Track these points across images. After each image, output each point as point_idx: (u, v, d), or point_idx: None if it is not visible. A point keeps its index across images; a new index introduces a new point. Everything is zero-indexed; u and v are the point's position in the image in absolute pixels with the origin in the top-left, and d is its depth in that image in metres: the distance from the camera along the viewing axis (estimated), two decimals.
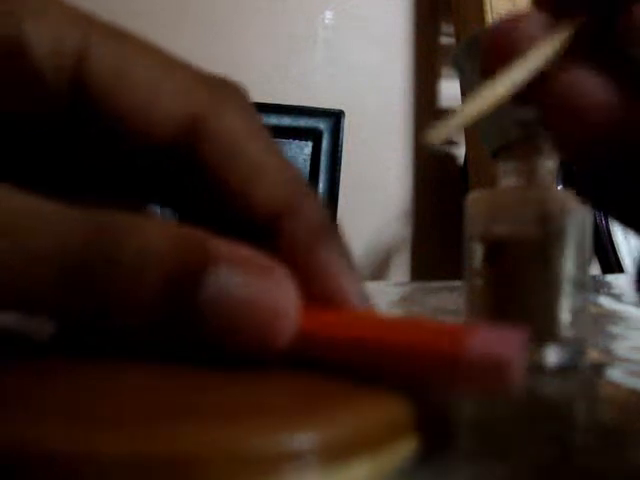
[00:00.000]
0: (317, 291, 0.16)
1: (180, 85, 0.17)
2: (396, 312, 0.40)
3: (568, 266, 0.24)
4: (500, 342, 0.13)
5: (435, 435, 0.15)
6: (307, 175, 1.01)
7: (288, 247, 0.16)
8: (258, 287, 0.14)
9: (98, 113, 0.16)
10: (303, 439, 0.12)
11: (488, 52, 0.17)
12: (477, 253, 0.25)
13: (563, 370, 0.24)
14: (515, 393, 0.13)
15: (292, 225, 0.16)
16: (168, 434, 0.11)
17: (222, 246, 0.14)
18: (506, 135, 0.26)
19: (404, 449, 0.13)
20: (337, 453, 0.12)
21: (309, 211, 0.17)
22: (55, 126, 0.17)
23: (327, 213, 0.17)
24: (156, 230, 0.14)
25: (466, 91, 0.29)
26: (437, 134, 0.12)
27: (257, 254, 0.15)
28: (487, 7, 1.24)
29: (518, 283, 0.24)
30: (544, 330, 0.24)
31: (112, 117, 0.16)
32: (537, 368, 0.24)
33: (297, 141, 1.01)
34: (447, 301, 0.43)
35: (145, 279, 0.14)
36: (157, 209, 0.20)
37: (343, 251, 0.17)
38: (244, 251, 0.15)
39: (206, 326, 0.14)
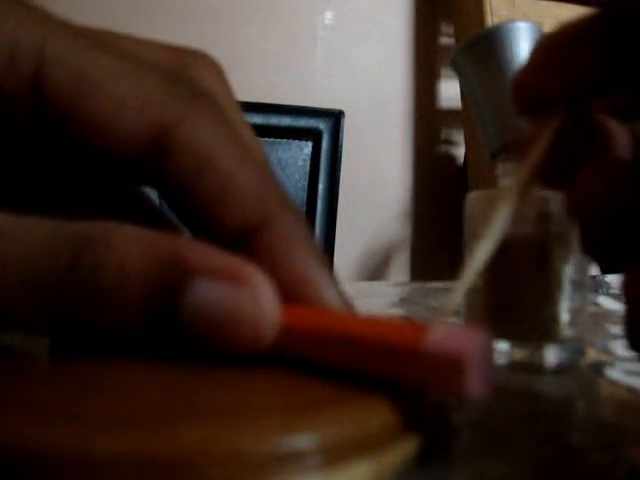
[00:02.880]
0: (295, 297, 0.16)
1: (146, 95, 0.16)
2: (396, 312, 0.40)
3: (568, 266, 0.24)
4: (460, 342, 0.13)
5: (435, 435, 0.15)
6: (307, 175, 1.01)
7: (263, 258, 0.16)
8: (237, 296, 0.14)
9: (60, 123, 0.16)
10: (303, 439, 0.12)
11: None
12: None
13: (562, 369, 0.24)
14: (479, 395, 0.13)
15: (266, 239, 0.16)
16: (169, 435, 0.11)
17: (199, 256, 0.14)
18: (506, 135, 0.26)
19: (404, 449, 0.13)
20: (337, 453, 0.12)
21: (283, 223, 0.16)
22: (23, 135, 0.16)
23: (303, 220, 0.17)
24: (133, 246, 0.14)
25: (465, 92, 0.29)
26: (443, 315, 0.14)
27: (235, 259, 0.15)
28: (487, 8, 1.24)
29: (518, 283, 0.24)
30: (544, 330, 0.24)
31: (74, 127, 0.16)
32: (537, 368, 0.24)
33: (297, 141, 1.01)
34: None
35: (126, 299, 0.14)
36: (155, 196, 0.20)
37: (319, 258, 0.16)
38: (221, 258, 0.14)
39: (189, 334, 0.14)
